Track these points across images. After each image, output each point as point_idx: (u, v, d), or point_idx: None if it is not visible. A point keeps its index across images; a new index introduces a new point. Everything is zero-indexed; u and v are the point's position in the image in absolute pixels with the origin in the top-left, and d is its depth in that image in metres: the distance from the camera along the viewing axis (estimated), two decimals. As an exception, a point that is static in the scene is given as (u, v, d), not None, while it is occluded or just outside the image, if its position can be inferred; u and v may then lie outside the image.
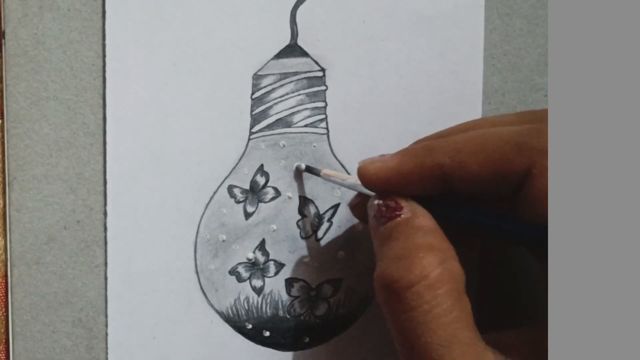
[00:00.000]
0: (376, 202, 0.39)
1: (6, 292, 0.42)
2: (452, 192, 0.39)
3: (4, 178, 0.41)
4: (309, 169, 0.44)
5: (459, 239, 0.38)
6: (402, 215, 0.38)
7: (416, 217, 0.38)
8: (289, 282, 0.45)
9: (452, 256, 0.37)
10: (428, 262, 0.36)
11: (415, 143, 0.42)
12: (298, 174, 0.44)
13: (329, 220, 0.45)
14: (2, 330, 0.42)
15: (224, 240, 0.44)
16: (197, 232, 0.44)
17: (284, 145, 0.44)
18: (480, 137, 0.37)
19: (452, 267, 0.37)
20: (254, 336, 0.45)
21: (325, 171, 0.43)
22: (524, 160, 0.36)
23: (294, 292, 0.45)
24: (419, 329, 0.36)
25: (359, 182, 0.41)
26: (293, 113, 0.44)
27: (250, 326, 0.45)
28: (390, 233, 0.38)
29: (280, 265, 0.45)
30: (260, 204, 0.45)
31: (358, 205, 0.42)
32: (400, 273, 0.36)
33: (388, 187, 0.39)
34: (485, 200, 0.38)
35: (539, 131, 0.36)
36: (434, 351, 0.35)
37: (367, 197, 0.41)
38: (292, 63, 0.44)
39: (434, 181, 0.38)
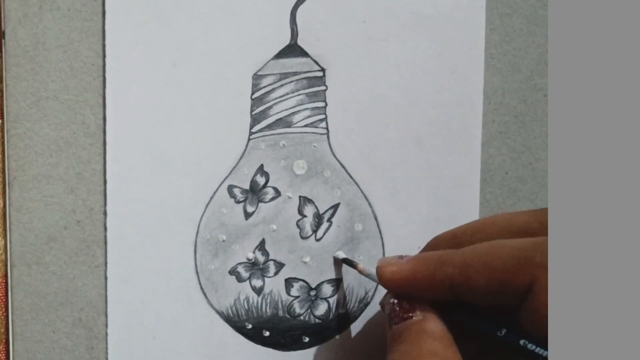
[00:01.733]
0: (392, 300, 0.41)
1: (6, 292, 0.42)
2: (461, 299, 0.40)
3: (4, 178, 0.41)
4: (347, 261, 0.45)
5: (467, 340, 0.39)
6: (413, 317, 0.39)
7: (426, 321, 0.39)
8: (289, 282, 0.45)
9: None
10: None
11: (429, 246, 0.43)
12: (337, 262, 0.45)
13: (329, 220, 0.45)
14: (2, 330, 0.42)
15: (224, 240, 0.44)
16: (197, 232, 0.44)
17: (284, 145, 0.44)
18: (487, 252, 0.38)
19: None
20: (254, 336, 0.45)
21: (360, 266, 0.44)
22: (527, 275, 0.37)
23: (294, 292, 0.45)
24: None
25: None
26: (293, 113, 0.44)
27: (250, 326, 0.45)
28: (400, 334, 0.39)
29: (280, 265, 0.45)
30: (260, 204, 0.45)
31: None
32: None
33: (402, 290, 0.40)
34: (492, 309, 0.39)
35: (542, 246, 0.37)
36: None
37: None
38: (292, 63, 0.44)
39: (443, 290, 0.39)
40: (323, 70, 0.45)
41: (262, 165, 0.44)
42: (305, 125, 0.45)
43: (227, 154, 0.44)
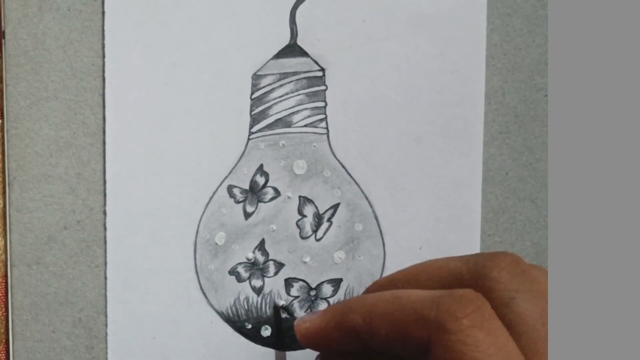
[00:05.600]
0: None
1: (6, 292, 0.42)
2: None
3: (4, 178, 0.41)
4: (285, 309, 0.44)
5: None
6: None
7: None
8: (289, 282, 0.45)
9: None
10: None
11: (367, 291, 0.41)
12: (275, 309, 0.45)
13: (329, 220, 0.45)
14: (2, 330, 0.42)
15: (223, 240, 0.44)
16: (197, 232, 0.44)
17: (283, 145, 0.44)
18: (389, 302, 0.37)
19: None
20: (253, 336, 0.45)
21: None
22: (422, 332, 0.35)
23: (294, 292, 0.45)
24: None
25: None
26: (293, 113, 0.44)
27: (250, 326, 0.45)
28: None
29: (279, 265, 0.45)
30: (260, 204, 0.45)
31: None
32: None
33: (317, 345, 0.39)
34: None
35: (441, 302, 0.35)
36: None
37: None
38: (292, 63, 0.44)
39: (351, 340, 0.38)
40: (323, 70, 0.45)
41: (261, 165, 0.44)
42: (305, 125, 0.45)
43: (226, 154, 0.44)
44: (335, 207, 0.45)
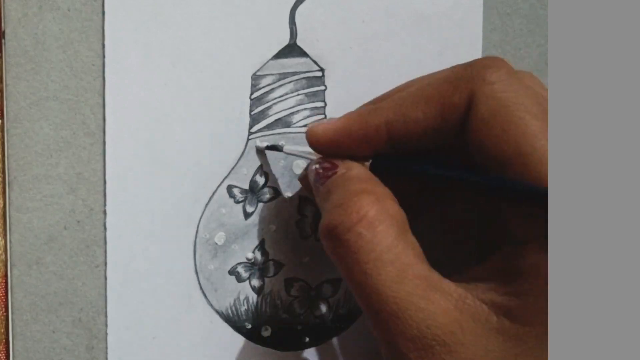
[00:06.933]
0: (314, 166, 0.40)
1: (6, 292, 0.42)
2: (400, 152, 0.39)
3: (4, 178, 0.41)
4: (272, 147, 0.44)
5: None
6: (337, 172, 0.39)
7: (350, 170, 0.39)
8: (289, 282, 0.45)
9: (388, 197, 0.38)
10: (363, 203, 0.37)
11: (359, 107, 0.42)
12: (260, 153, 0.44)
13: (329, 220, 0.45)
14: (2, 330, 0.42)
15: (223, 240, 0.44)
16: (197, 232, 0.44)
17: (283, 145, 0.44)
18: (420, 87, 0.38)
19: (389, 207, 0.37)
20: (253, 336, 0.45)
21: (287, 147, 0.43)
22: (464, 92, 0.37)
23: (294, 292, 0.45)
24: (368, 269, 0.36)
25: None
26: (292, 113, 0.44)
27: (249, 326, 0.45)
28: (329, 189, 0.39)
29: (279, 265, 0.45)
30: (260, 204, 0.45)
31: (306, 177, 0.43)
32: (339, 218, 0.37)
33: (335, 148, 0.40)
34: (435, 154, 0.39)
35: (473, 63, 0.37)
36: (387, 288, 0.36)
37: None
38: (291, 63, 0.44)
39: (380, 139, 0.39)
40: (322, 70, 0.45)
41: (261, 165, 0.44)
42: (305, 125, 0.45)
43: (226, 154, 0.44)
44: (335, 207, 0.45)
